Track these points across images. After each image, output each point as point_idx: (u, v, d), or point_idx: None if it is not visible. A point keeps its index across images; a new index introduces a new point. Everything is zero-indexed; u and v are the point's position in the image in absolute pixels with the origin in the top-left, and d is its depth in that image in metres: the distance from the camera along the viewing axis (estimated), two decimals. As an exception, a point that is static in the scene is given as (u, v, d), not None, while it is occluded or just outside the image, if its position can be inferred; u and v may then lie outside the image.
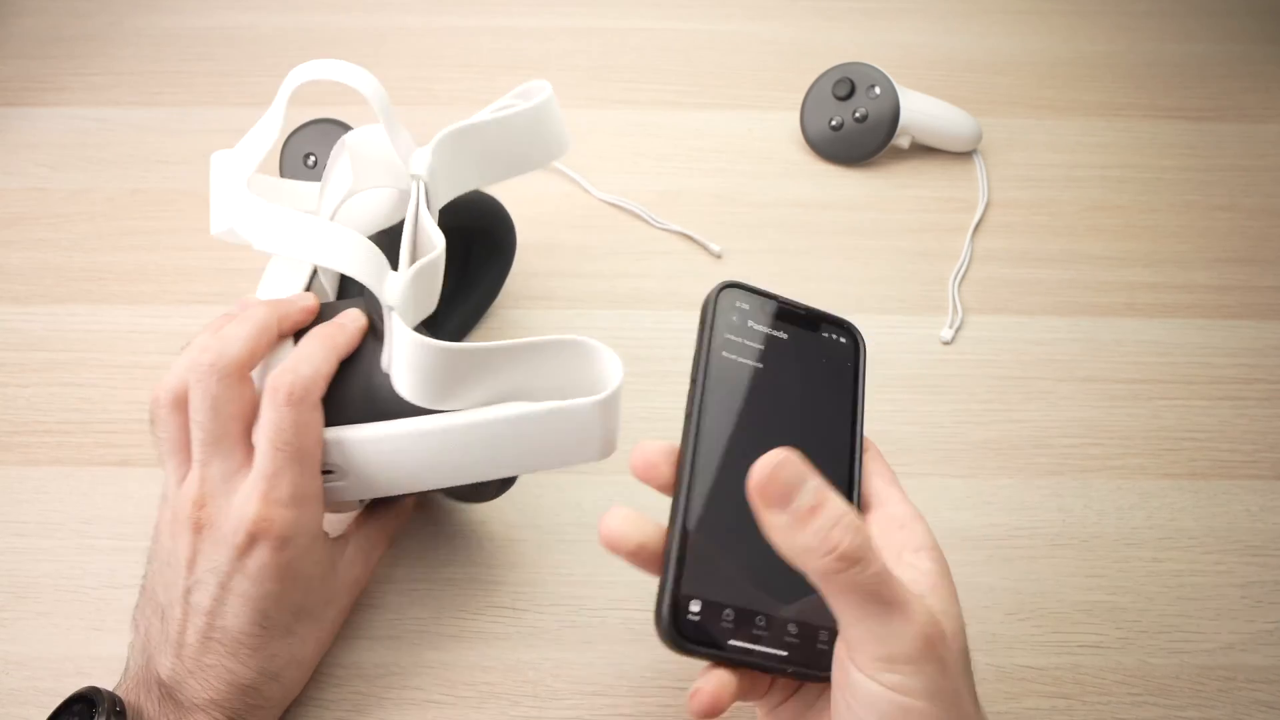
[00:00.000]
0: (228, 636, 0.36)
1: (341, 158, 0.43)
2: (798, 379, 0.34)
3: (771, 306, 0.35)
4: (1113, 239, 0.60)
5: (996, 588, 0.45)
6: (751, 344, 0.34)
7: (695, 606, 0.29)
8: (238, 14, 0.71)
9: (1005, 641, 0.44)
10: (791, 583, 0.29)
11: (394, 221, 0.44)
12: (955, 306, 0.56)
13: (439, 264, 0.38)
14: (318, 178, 0.53)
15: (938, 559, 0.32)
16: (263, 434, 0.35)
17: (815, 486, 0.27)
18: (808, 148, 0.64)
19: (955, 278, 0.57)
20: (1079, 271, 0.58)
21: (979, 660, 0.43)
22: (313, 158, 0.55)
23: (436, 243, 0.38)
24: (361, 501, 0.43)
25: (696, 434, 0.32)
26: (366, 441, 0.36)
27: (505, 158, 0.44)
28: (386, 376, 0.37)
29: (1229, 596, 0.45)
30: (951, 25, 0.73)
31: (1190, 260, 0.59)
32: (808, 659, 0.30)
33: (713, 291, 0.34)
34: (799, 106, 0.64)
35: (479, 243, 0.52)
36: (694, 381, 0.32)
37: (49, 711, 0.35)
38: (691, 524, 0.30)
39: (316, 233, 0.37)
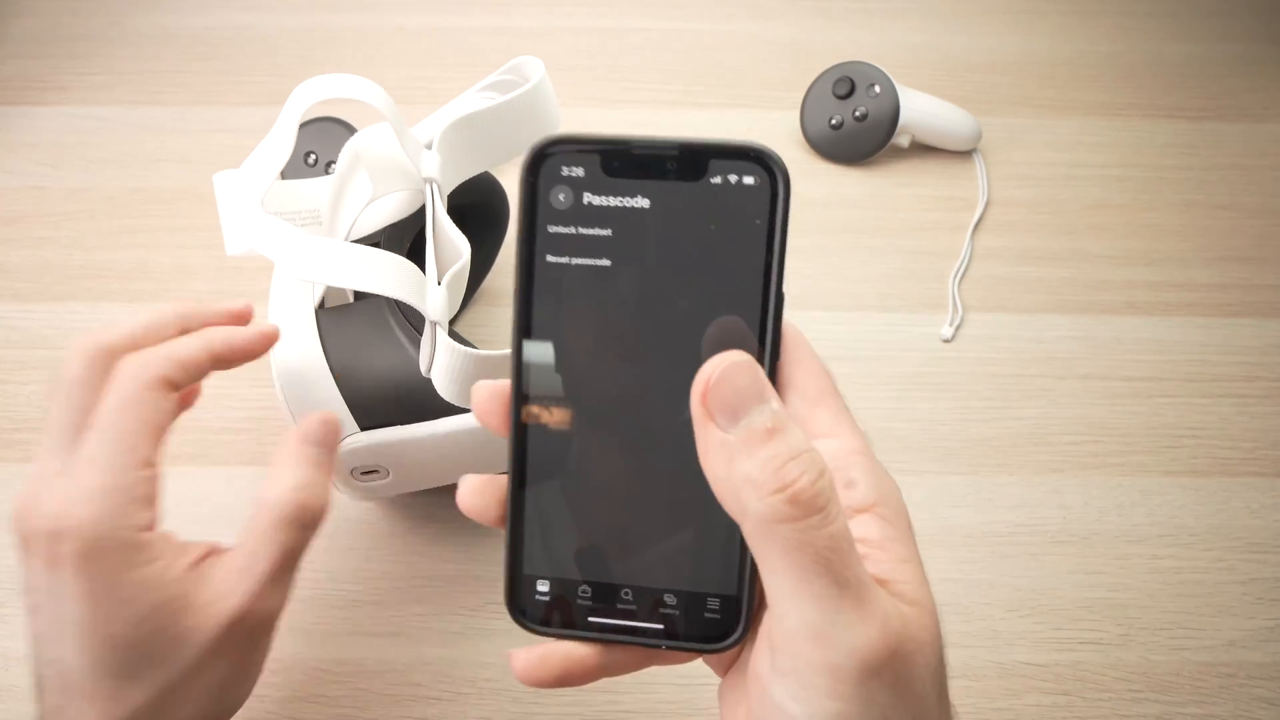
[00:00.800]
0: (74, 681, 0.28)
1: (357, 168, 0.43)
2: (674, 268, 0.24)
3: (623, 160, 0.23)
4: (1113, 238, 0.60)
5: (997, 585, 0.45)
6: (595, 230, 0.24)
7: (543, 586, 0.25)
8: (238, 13, 0.71)
9: (1006, 638, 0.44)
10: (668, 541, 0.24)
11: (403, 216, 0.44)
12: (955, 305, 0.56)
13: (466, 270, 0.39)
14: (318, 174, 0.53)
15: (897, 522, 0.23)
16: (90, 421, 0.29)
17: (777, 409, 0.21)
18: (808, 147, 0.64)
19: (955, 276, 0.57)
20: (1079, 270, 0.58)
21: (980, 658, 0.43)
22: (313, 156, 0.55)
23: (462, 249, 0.39)
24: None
25: (522, 373, 0.24)
26: (412, 442, 0.38)
27: (505, 141, 0.45)
28: (425, 381, 0.37)
29: (1230, 593, 0.45)
30: (952, 24, 0.73)
31: (1190, 259, 0.59)
32: (695, 631, 0.25)
33: (526, 161, 0.24)
34: (799, 106, 0.64)
35: (473, 215, 0.52)
36: (516, 301, 0.24)
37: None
38: (531, 487, 0.25)
39: (354, 259, 0.36)
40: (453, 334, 0.37)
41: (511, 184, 0.53)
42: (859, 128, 0.62)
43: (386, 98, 0.40)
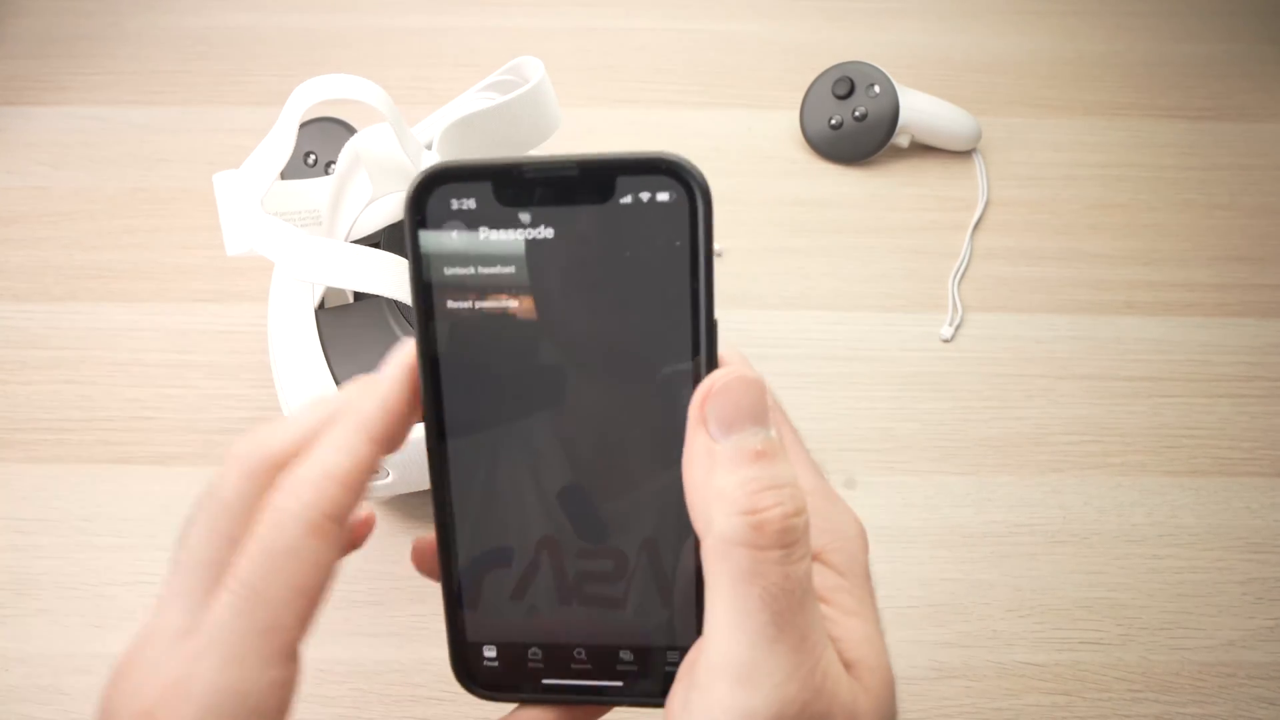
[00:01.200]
0: None
1: (357, 169, 0.43)
2: (589, 304, 0.21)
3: (516, 185, 0.21)
4: (1113, 237, 0.60)
5: (996, 584, 0.45)
6: (495, 268, 0.21)
7: (490, 652, 0.23)
8: (238, 14, 0.71)
9: (1005, 638, 0.44)
10: (619, 598, 0.22)
11: (403, 218, 0.44)
12: (955, 304, 0.56)
13: None
14: (318, 175, 0.53)
15: (849, 570, 0.22)
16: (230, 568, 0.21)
17: (774, 438, 0.20)
18: (808, 147, 0.64)
19: (955, 276, 0.57)
20: (1079, 270, 0.58)
21: (979, 658, 0.43)
22: (313, 156, 0.55)
23: None
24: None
25: (439, 432, 0.22)
26: (411, 443, 0.38)
27: (505, 141, 0.45)
28: None
29: (1229, 593, 0.45)
30: (951, 25, 0.73)
31: (1190, 258, 0.59)
32: (651, 686, 0.23)
33: (408, 196, 0.21)
34: (799, 106, 0.64)
35: None
36: (419, 354, 0.22)
37: (49, 708, 0.34)
38: (464, 554, 0.23)
39: (354, 260, 0.37)
40: None
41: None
42: (859, 128, 0.62)
43: (386, 98, 0.40)
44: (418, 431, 0.39)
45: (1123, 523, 0.48)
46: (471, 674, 0.24)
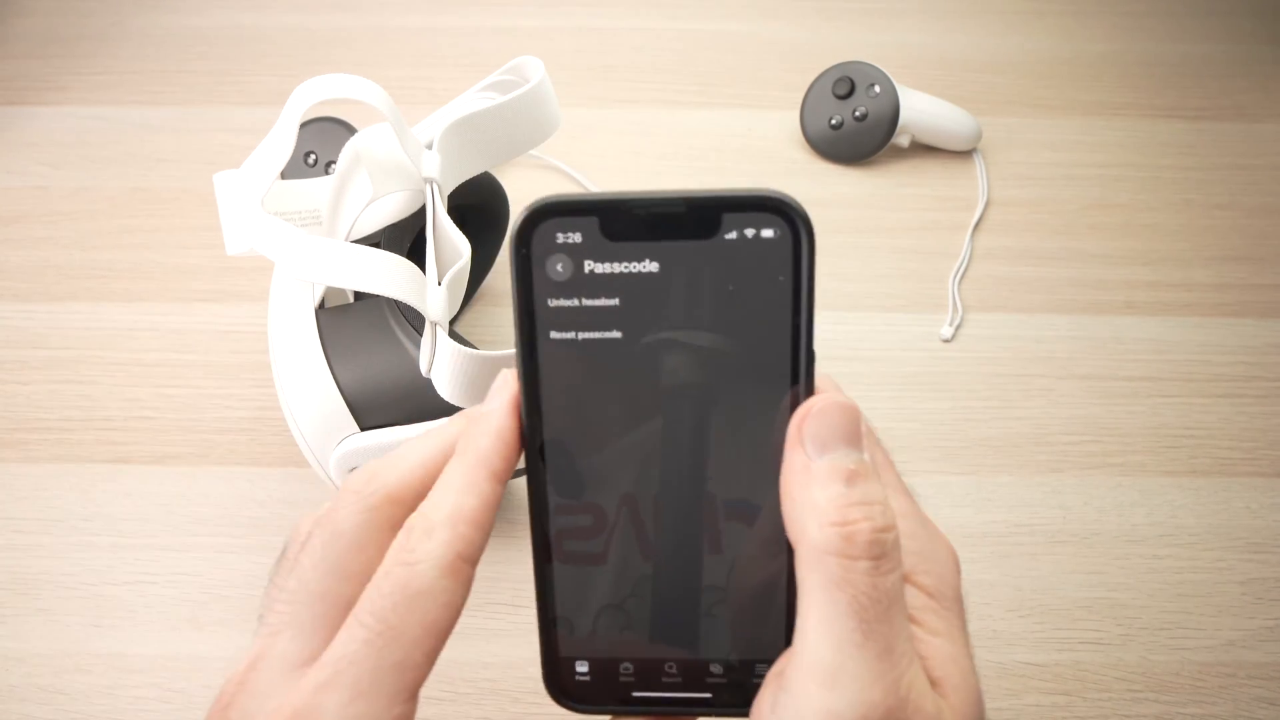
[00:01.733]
0: None
1: (358, 168, 0.43)
2: (692, 335, 0.22)
3: (624, 221, 0.21)
4: (1112, 237, 0.60)
5: (997, 584, 0.45)
6: (600, 300, 0.22)
7: (583, 667, 0.24)
8: (239, 13, 0.71)
9: (1006, 638, 0.44)
10: (710, 613, 0.23)
11: (404, 216, 0.44)
12: (955, 304, 0.56)
13: (467, 270, 0.39)
14: (318, 175, 0.53)
15: (938, 592, 0.23)
16: (357, 604, 0.22)
17: (867, 461, 0.21)
18: (808, 147, 0.64)
19: (955, 276, 0.57)
20: (1078, 270, 0.58)
21: (980, 658, 0.43)
22: (313, 156, 0.55)
23: (463, 250, 0.39)
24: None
25: (540, 455, 0.23)
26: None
27: (505, 141, 0.45)
28: (425, 381, 0.37)
29: (1229, 593, 0.45)
30: (951, 25, 0.73)
31: (1189, 258, 0.59)
32: (739, 697, 0.23)
33: (515, 229, 0.21)
34: (799, 106, 0.64)
35: (474, 216, 0.52)
36: (522, 384, 0.22)
37: (48, 707, 0.34)
38: (560, 569, 0.23)
39: (354, 259, 0.36)
40: (453, 334, 0.37)
41: (512, 184, 0.53)
42: (859, 128, 0.62)
43: (387, 98, 0.40)
44: (414, 430, 0.39)
45: (1123, 523, 0.48)
46: (564, 688, 0.24)
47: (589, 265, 0.21)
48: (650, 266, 0.21)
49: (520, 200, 0.54)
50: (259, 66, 0.68)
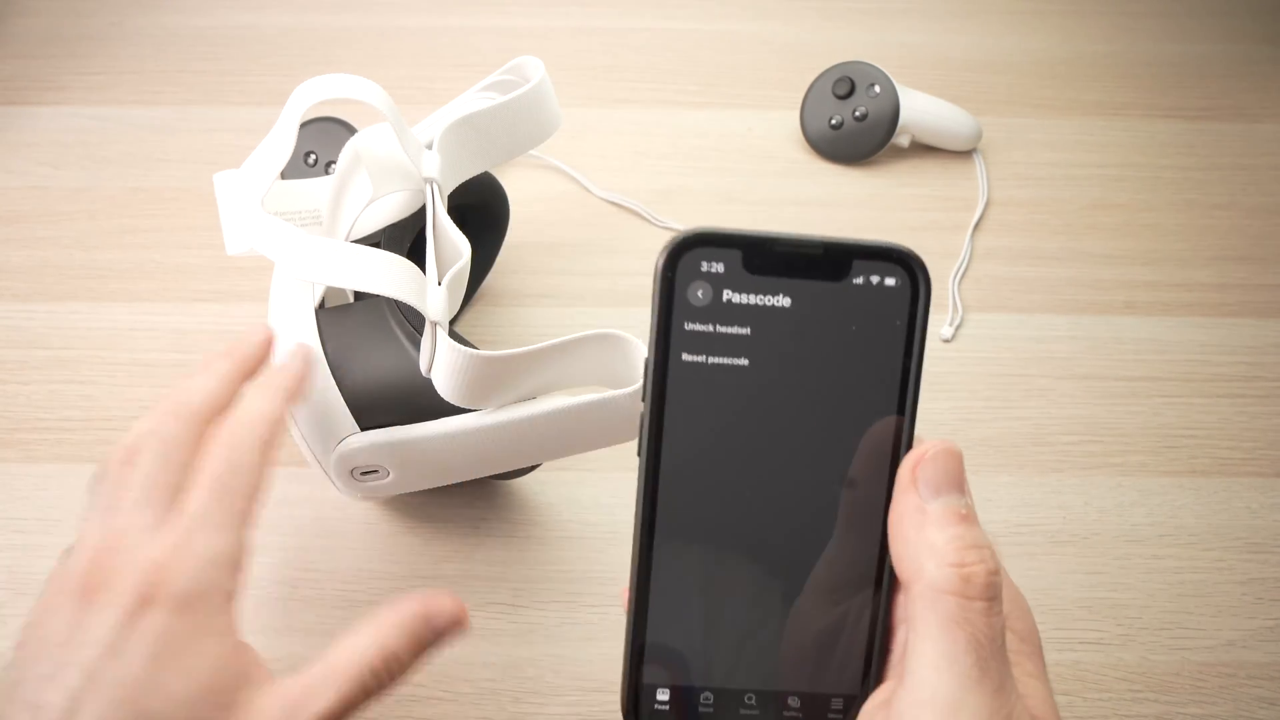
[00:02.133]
0: None
1: (358, 168, 0.43)
2: (812, 369, 0.23)
3: (765, 256, 0.23)
4: (1112, 237, 0.60)
5: (997, 584, 0.45)
6: (733, 328, 0.23)
7: (663, 695, 0.24)
8: (239, 13, 0.71)
9: (1006, 638, 0.44)
10: (792, 645, 0.24)
11: (404, 216, 0.44)
12: (955, 304, 0.56)
13: (467, 270, 0.39)
14: (318, 175, 0.53)
15: (1028, 638, 0.25)
16: (195, 478, 0.30)
17: (971, 504, 0.23)
18: (808, 146, 0.64)
19: (955, 276, 0.57)
20: (1079, 270, 0.58)
21: (979, 657, 0.43)
22: (313, 156, 0.55)
23: (463, 250, 0.39)
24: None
25: (653, 476, 0.24)
26: (414, 442, 0.38)
27: (506, 141, 0.45)
28: (425, 381, 0.37)
29: (1230, 593, 0.45)
30: (951, 24, 0.73)
31: (1189, 258, 0.59)
32: None
33: (665, 254, 0.23)
34: (799, 105, 0.64)
35: (474, 216, 0.52)
36: (647, 400, 0.23)
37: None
38: (653, 594, 0.24)
39: (354, 259, 0.36)
40: (453, 334, 0.37)
41: (512, 184, 0.53)
42: (859, 128, 0.62)
43: (387, 98, 0.40)
44: (414, 430, 0.39)
45: (1123, 523, 0.48)
46: (641, 713, 0.25)
47: (727, 294, 0.23)
48: (783, 301, 0.23)
49: (521, 200, 0.54)
50: (259, 66, 0.68)
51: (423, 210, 0.45)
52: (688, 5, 0.74)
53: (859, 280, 0.23)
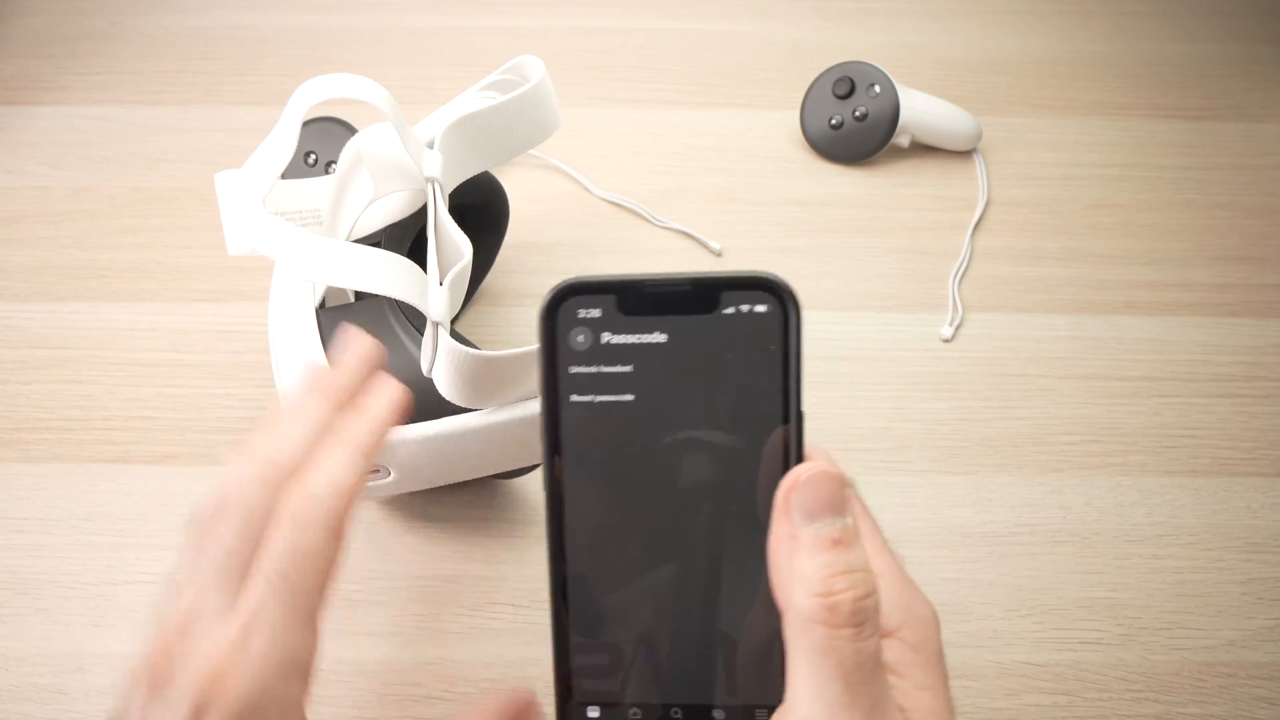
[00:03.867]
0: None
1: (359, 168, 0.43)
2: (694, 397, 0.24)
3: (638, 298, 0.24)
4: (1112, 237, 0.60)
5: (996, 584, 0.45)
6: (615, 367, 0.24)
7: (594, 713, 0.25)
8: (239, 13, 0.71)
9: (1005, 638, 0.44)
10: (715, 660, 0.25)
11: (405, 216, 0.44)
12: (955, 304, 0.56)
13: (468, 270, 0.39)
14: (319, 175, 0.53)
15: (922, 648, 0.25)
16: (257, 563, 0.26)
17: (850, 526, 0.22)
18: (808, 146, 0.64)
19: (955, 276, 0.57)
20: (1079, 269, 0.58)
21: (979, 658, 0.43)
22: (314, 156, 0.55)
23: (464, 250, 0.39)
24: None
25: (558, 509, 0.25)
26: (414, 442, 0.38)
27: (506, 140, 0.45)
28: (426, 380, 0.37)
29: (1230, 593, 0.45)
30: (951, 24, 0.73)
31: (1190, 258, 0.59)
32: None
33: (544, 306, 0.24)
34: (799, 105, 0.64)
35: (474, 215, 0.52)
36: (544, 441, 0.25)
37: (48, 707, 0.34)
38: (575, 620, 0.25)
39: (355, 259, 0.36)
40: (454, 334, 0.37)
41: (512, 184, 0.53)
42: (859, 127, 0.62)
43: (388, 97, 0.40)
44: (414, 430, 0.39)
45: (1123, 522, 0.48)
46: None
47: (606, 336, 0.24)
48: (659, 337, 0.24)
49: (521, 200, 0.54)
50: (260, 66, 0.68)
51: (424, 210, 0.45)
52: (688, 5, 0.74)
53: (729, 310, 0.24)
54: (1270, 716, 0.42)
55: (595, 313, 0.24)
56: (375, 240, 0.43)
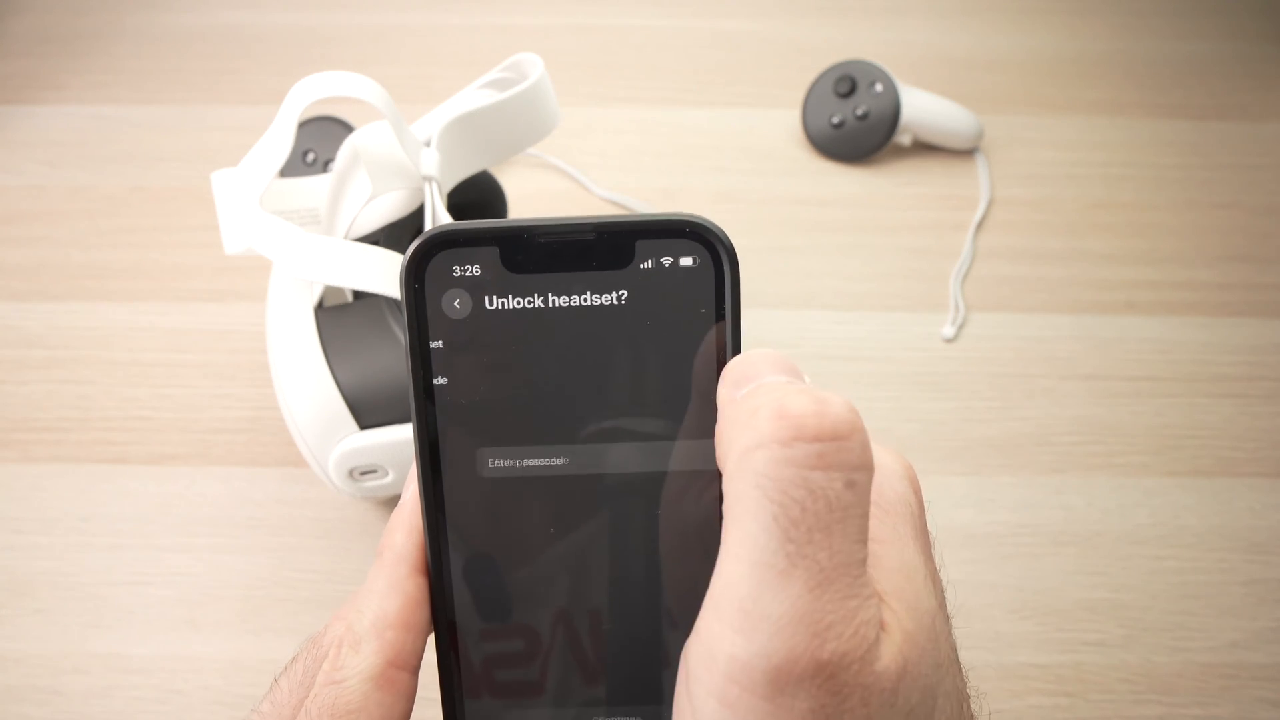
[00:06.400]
0: None
1: (356, 167, 0.43)
2: (606, 377, 0.19)
3: (527, 250, 0.19)
4: (1114, 237, 0.60)
5: (999, 585, 0.45)
6: (504, 341, 0.19)
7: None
8: (237, 12, 0.71)
9: (1008, 639, 0.44)
10: (622, 679, 0.21)
11: (402, 215, 0.44)
12: (957, 304, 0.56)
13: None
14: (316, 173, 0.52)
15: (881, 502, 0.19)
16: None
17: (803, 380, 0.18)
18: (809, 145, 0.64)
19: (957, 275, 0.57)
20: (1081, 269, 0.58)
21: (982, 659, 0.43)
22: (311, 154, 0.54)
23: None
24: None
25: (437, 507, 0.20)
26: (411, 442, 0.38)
27: (504, 139, 0.45)
28: None
29: (1232, 594, 0.45)
30: (953, 23, 0.73)
31: (1192, 258, 0.59)
32: None
33: (405, 263, 0.19)
34: (800, 104, 0.64)
35: (472, 214, 0.52)
36: (417, 438, 0.20)
37: (46, 708, 0.34)
38: (463, 633, 0.21)
39: (353, 258, 0.36)
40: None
41: (511, 182, 0.53)
42: (860, 126, 0.62)
43: (385, 95, 0.40)
44: (399, 433, 0.39)
45: (1125, 523, 0.47)
46: None
47: (490, 300, 0.19)
48: (559, 301, 0.19)
49: (520, 199, 0.54)
50: (257, 65, 0.68)
51: (421, 209, 0.44)
52: (688, 3, 0.74)
53: (647, 265, 0.19)
54: (1273, 718, 0.42)
55: (475, 270, 0.19)
56: (373, 239, 0.43)
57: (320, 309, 0.41)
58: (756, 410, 0.16)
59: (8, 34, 0.69)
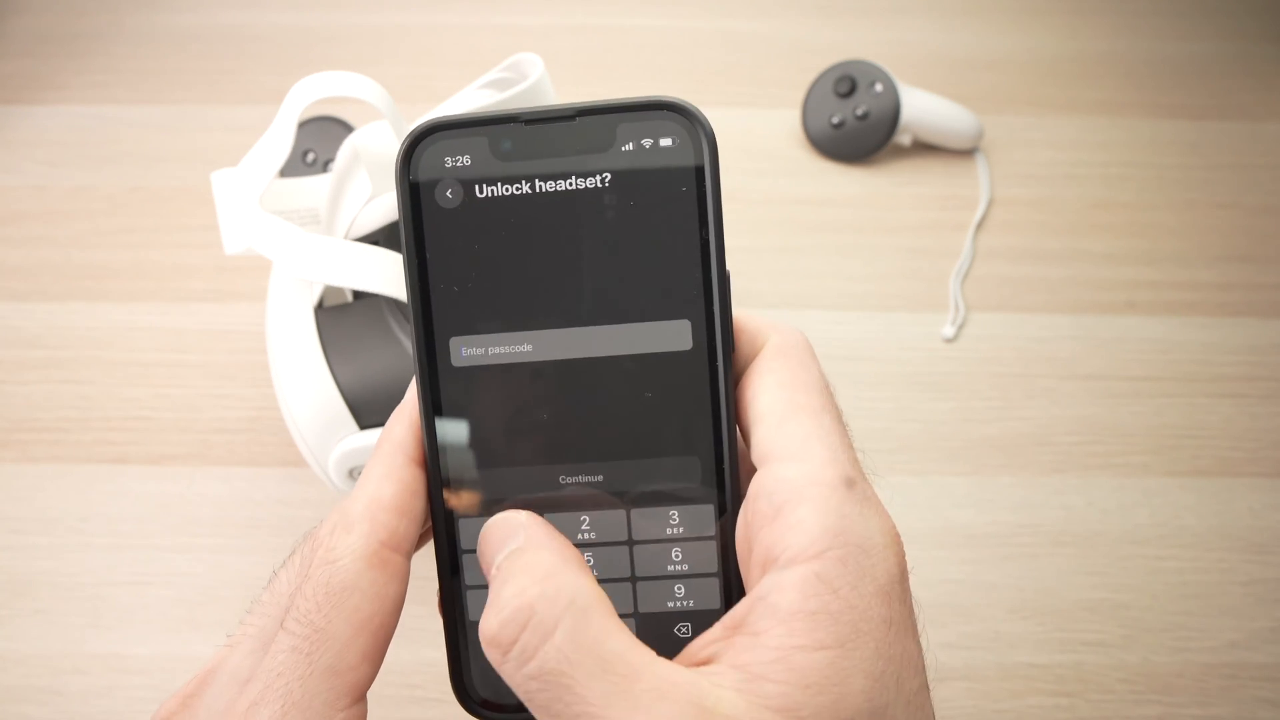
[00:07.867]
0: None
1: (356, 166, 0.43)
2: (594, 259, 0.20)
3: (514, 138, 0.20)
4: (1114, 237, 0.60)
5: (999, 585, 0.45)
6: (495, 227, 0.20)
7: (493, 674, 0.22)
8: (237, 12, 0.71)
9: (1008, 640, 0.44)
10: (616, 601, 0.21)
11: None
12: (957, 304, 0.56)
13: None
14: (316, 173, 0.52)
15: (822, 589, 0.18)
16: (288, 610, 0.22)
17: (517, 545, 0.19)
18: (809, 145, 0.64)
19: (957, 275, 0.57)
20: (1081, 269, 0.58)
21: (982, 659, 0.43)
22: (311, 154, 0.54)
23: None
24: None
25: (434, 407, 0.21)
26: None
27: None
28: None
29: (1232, 594, 0.45)
30: (953, 23, 0.73)
31: (1192, 258, 0.59)
32: None
33: (399, 155, 0.20)
34: (800, 104, 0.64)
35: None
36: (415, 325, 0.21)
37: (46, 708, 0.34)
38: (465, 569, 0.22)
39: (353, 258, 0.36)
40: None
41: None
42: (860, 126, 0.62)
43: (385, 95, 0.39)
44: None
45: (1125, 523, 0.47)
46: (469, 694, 0.23)
47: (480, 188, 0.20)
48: (545, 186, 0.20)
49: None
50: (257, 65, 0.68)
51: (422, 209, 0.44)
52: (688, 3, 0.73)
53: (628, 146, 0.20)
54: (1273, 718, 0.42)
55: (465, 159, 0.20)
56: (373, 239, 0.43)
57: (320, 309, 0.41)
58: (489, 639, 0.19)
59: (7, 34, 0.69)
